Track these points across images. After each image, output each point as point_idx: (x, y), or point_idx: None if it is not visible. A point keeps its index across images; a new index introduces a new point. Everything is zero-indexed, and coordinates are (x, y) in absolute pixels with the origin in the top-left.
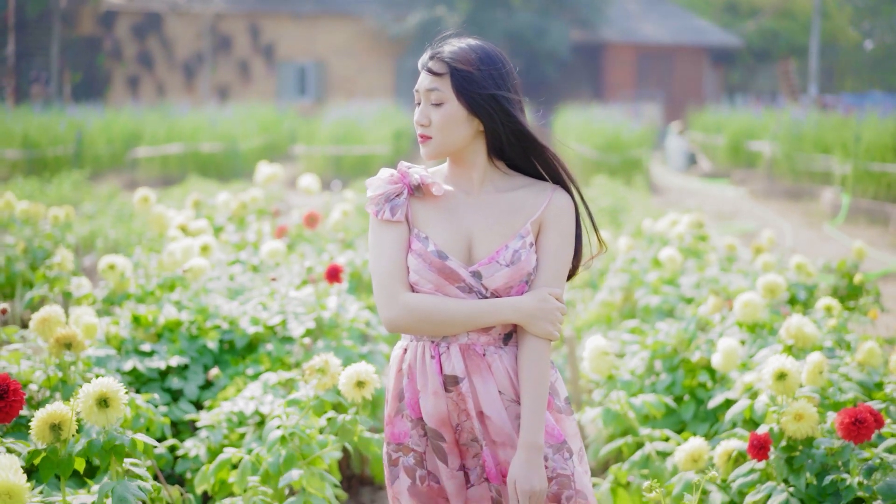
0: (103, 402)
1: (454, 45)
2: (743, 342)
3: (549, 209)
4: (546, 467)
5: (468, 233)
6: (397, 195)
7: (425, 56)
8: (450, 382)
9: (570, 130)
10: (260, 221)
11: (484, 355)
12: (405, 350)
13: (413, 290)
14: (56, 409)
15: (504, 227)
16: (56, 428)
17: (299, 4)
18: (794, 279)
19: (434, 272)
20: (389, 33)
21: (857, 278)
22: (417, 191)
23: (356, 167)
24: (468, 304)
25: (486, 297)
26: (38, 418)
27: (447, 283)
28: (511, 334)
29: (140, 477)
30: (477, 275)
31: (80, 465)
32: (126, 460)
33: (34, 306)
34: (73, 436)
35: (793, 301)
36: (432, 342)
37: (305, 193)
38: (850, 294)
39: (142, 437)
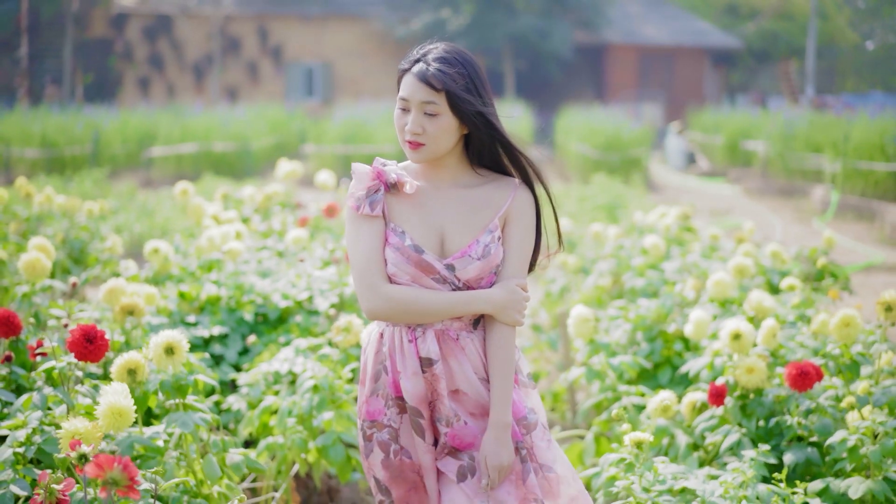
0: (170, 350)
1: (443, 60)
2: (715, 317)
3: (514, 204)
4: (517, 437)
5: (440, 227)
6: (375, 191)
7: (418, 67)
8: (425, 364)
9: (572, 130)
10: (284, 212)
11: (457, 339)
12: (381, 334)
13: (391, 281)
14: (132, 356)
15: (473, 222)
16: (132, 372)
17: (307, 6)
18: (769, 265)
19: (411, 265)
20: (395, 35)
21: (821, 262)
22: (393, 188)
23: None
24: (444, 295)
25: (459, 288)
26: (118, 364)
27: (423, 275)
28: (479, 320)
29: (201, 410)
30: (451, 267)
31: (152, 401)
32: (189, 397)
33: (74, 291)
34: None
35: (769, 285)
36: (409, 327)
37: (320, 189)
38: (816, 277)
39: (202, 378)
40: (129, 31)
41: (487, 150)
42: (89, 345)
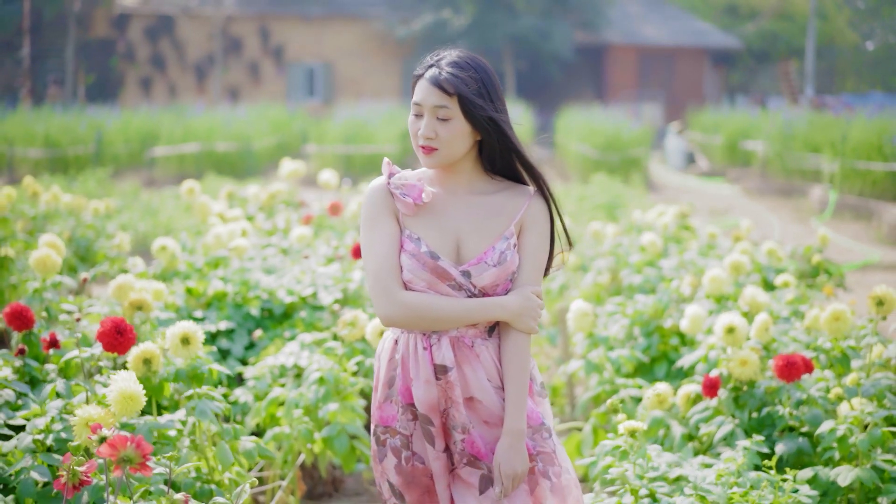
0: (185, 340)
1: (456, 65)
2: (711, 312)
3: (529, 212)
4: (528, 448)
5: (456, 233)
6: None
7: (431, 72)
8: (439, 371)
9: (572, 130)
10: (288, 211)
11: (472, 346)
12: (396, 341)
13: (406, 287)
14: (147, 347)
15: (489, 229)
16: (147, 362)
17: (308, 7)
18: (765, 263)
19: (427, 271)
20: (396, 35)
21: (815, 259)
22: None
23: (366, 166)
24: (460, 303)
25: (475, 294)
26: (134, 355)
27: (439, 282)
28: (494, 327)
29: (215, 398)
30: (467, 274)
31: (167, 390)
32: (203, 387)
33: (83, 287)
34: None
35: (764, 281)
36: (424, 334)
37: (323, 188)
38: (811, 275)
39: (216, 367)
40: (131, 31)
41: (500, 157)
42: (119, 336)
